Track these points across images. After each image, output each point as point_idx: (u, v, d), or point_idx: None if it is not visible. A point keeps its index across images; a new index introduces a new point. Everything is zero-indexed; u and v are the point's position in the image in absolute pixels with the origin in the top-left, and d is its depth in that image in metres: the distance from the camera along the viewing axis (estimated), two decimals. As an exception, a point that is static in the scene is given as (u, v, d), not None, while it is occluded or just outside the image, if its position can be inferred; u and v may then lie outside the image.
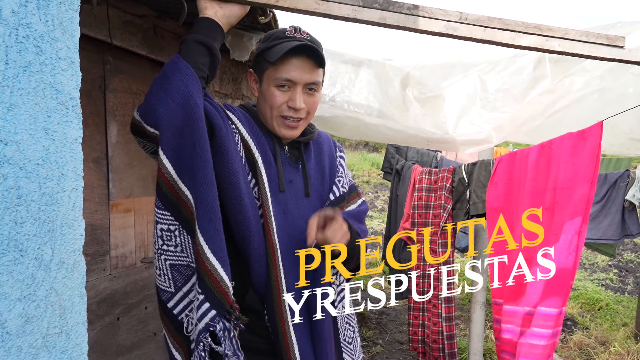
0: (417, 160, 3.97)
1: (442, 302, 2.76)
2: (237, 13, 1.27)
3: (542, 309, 1.81)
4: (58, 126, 0.82)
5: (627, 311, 5.42)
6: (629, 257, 8.20)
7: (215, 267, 1.09)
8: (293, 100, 1.28)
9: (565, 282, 1.79)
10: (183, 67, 1.10)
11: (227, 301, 1.11)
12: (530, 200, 2.02)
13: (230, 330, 1.12)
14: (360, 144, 17.51)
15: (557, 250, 1.79)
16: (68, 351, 0.84)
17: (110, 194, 2.09)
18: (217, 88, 2.98)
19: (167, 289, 1.19)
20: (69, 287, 0.84)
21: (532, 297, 1.87)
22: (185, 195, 1.12)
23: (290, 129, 1.33)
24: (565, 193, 1.84)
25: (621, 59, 1.34)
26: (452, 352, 2.77)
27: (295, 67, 1.27)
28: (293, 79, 1.27)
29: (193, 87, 1.09)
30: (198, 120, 1.09)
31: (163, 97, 1.08)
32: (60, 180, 0.82)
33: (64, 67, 0.83)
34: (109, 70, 2.07)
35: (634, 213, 3.32)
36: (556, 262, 1.78)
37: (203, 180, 1.09)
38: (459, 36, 1.29)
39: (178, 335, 1.20)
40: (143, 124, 1.11)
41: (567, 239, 1.79)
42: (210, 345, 1.10)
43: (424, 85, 2.35)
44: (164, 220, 1.15)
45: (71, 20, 0.84)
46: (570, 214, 1.79)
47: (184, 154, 1.10)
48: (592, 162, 1.80)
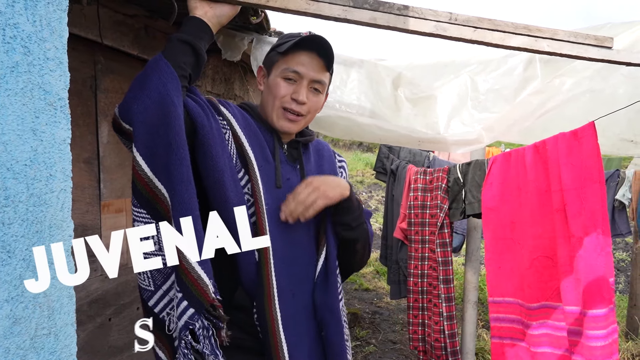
0: (409, 160, 3.98)
1: (443, 301, 2.77)
2: (227, 13, 1.26)
3: (590, 312, 1.81)
4: (46, 127, 0.81)
5: (619, 310, 5.46)
6: (621, 256, 8.26)
7: (192, 266, 1.08)
8: (297, 92, 1.30)
9: (604, 281, 1.79)
10: (163, 66, 1.10)
11: (206, 299, 1.10)
12: (536, 201, 2.04)
13: (209, 328, 1.11)
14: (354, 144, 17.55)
15: (585, 252, 1.80)
16: (57, 352, 0.84)
17: (102, 194, 2.09)
18: (210, 88, 2.98)
19: (148, 288, 1.18)
20: (58, 289, 0.84)
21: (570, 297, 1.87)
22: (162, 193, 1.12)
23: (289, 122, 1.34)
24: (572, 194, 1.85)
25: (609, 60, 1.35)
26: (455, 350, 2.78)
27: (305, 62, 1.30)
28: (300, 72, 1.30)
29: (171, 86, 1.09)
30: (174, 119, 1.08)
31: (139, 94, 1.08)
32: (48, 181, 0.82)
33: (52, 68, 0.82)
34: (100, 71, 2.06)
35: (623, 213, 3.35)
36: (587, 264, 1.79)
37: (179, 177, 1.08)
38: (449, 37, 1.30)
39: (160, 334, 1.19)
40: (120, 121, 1.11)
41: (591, 241, 1.79)
42: (191, 342, 1.10)
43: (416, 86, 2.36)
44: (140, 218, 1.14)
45: (59, 21, 0.84)
46: (590, 216, 1.80)
47: (159, 151, 1.09)
48: (595, 163, 1.81)
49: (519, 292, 2.14)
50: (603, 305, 1.79)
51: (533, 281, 2.05)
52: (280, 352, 1.25)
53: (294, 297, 1.31)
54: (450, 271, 2.79)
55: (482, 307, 4.72)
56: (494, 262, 2.25)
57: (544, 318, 2.02)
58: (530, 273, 2.06)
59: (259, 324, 1.26)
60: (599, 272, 1.78)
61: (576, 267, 1.83)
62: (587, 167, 1.81)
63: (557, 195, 1.91)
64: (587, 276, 1.80)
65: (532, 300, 2.06)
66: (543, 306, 2.03)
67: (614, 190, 3.33)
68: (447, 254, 2.77)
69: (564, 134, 1.88)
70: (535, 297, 2.05)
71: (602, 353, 1.77)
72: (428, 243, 2.84)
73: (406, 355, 4.19)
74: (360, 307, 5.46)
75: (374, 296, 5.91)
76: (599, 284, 1.79)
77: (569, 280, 1.87)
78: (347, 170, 1.57)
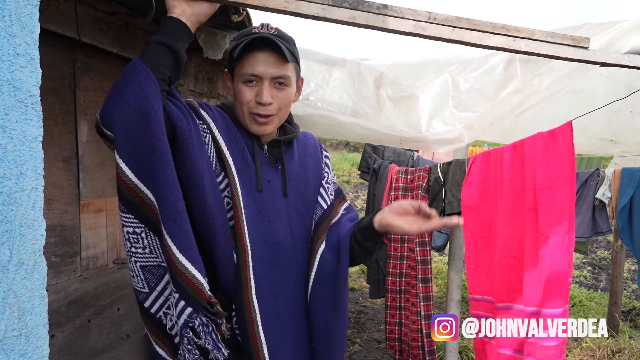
0: (393, 160, 3.99)
1: (422, 300, 2.78)
2: (206, 11, 1.25)
3: (547, 311, 1.83)
4: (16, 124, 0.80)
5: (600, 307, 5.54)
6: (602, 254, 8.38)
7: (185, 266, 1.09)
8: (260, 95, 1.28)
9: (564, 280, 1.81)
10: (141, 71, 1.09)
11: (203, 297, 1.10)
12: (510, 201, 2.05)
13: (209, 325, 1.12)
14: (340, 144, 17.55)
15: (550, 251, 1.82)
16: (28, 354, 0.82)
17: (81, 193, 2.06)
18: (192, 87, 2.96)
19: (142, 290, 1.19)
20: (29, 289, 0.82)
21: (531, 296, 1.89)
22: (149, 198, 1.12)
23: (261, 125, 1.32)
24: (545, 193, 1.86)
25: (585, 60, 1.37)
26: (432, 350, 2.79)
27: (260, 62, 1.27)
28: (258, 74, 1.27)
29: (150, 91, 1.08)
30: (155, 124, 1.07)
31: (119, 101, 1.07)
32: (19, 179, 0.80)
33: (22, 64, 0.81)
34: (79, 68, 2.03)
35: (603, 211, 3.39)
36: (552, 263, 1.81)
37: (164, 182, 1.08)
38: (428, 36, 1.30)
39: (159, 333, 1.21)
40: (102, 127, 1.10)
41: (558, 239, 1.81)
42: (193, 339, 1.11)
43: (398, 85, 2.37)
44: (129, 223, 1.15)
45: (30, 16, 0.83)
46: (558, 215, 1.82)
47: (142, 157, 1.09)
48: (568, 162, 1.83)
49: (493, 290, 2.16)
50: (561, 304, 1.82)
51: (500, 281, 2.07)
52: (261, 353, 1.25)
53: (276, 298, 1.31)
54: (429, 270, 2.80)
55: (466, 305, 4.75)
56: (474, 261, 2.27)
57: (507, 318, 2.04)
58: (498, 272, 2.08)
59: (238, 326, 1.26)
60: (562, 271, 1.81)
61: (541, 265, 1.85)
62: (560, 166, 1.83)
63: (530, 194, 1.93)
64: (551, 274, 1.82)
65: (499, 300, 2.08)
66: (507, 307, 2.05)
67: (594, 190, 3.38)
68: (426, 253, 2.79)
69: (542, 133, 1.90)
70: (502, 297, 2.07)
71: (554, 353, 1.80)
72: (407, 242, 2.85)
73: (391, 354, 4.20)
74: (345, 306, 5.46)
75: (359, 295, 5.92)
76: (560, 282, 1.81)
77: (532, 279, 1.89)
78: (330, 165, 1.56)
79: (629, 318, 5.30)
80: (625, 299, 5.78)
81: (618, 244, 4.63)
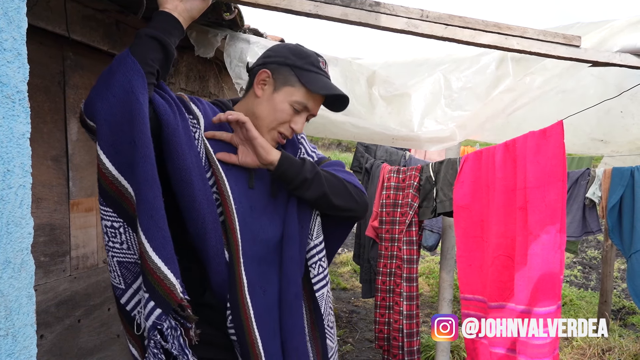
0: (386, 159, 3.99)
1: (404, 300, 2.76)
2: (198, 6, 1.24)
3: (539, 309, 1.83)
4: (3, 120, 0.78)
5: (590, 306, 5.58)
6: (593, 254, 8.44)
7: (158, 265, 1.07)
8: (296, 123, 1.33)
9: (556, 279, 1.82)
10: (129, 63, 1.08)
11: (174, 300, 1.08)
12: (502, 200, 2.05)
13: (177, 328, 1.10)
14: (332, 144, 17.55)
15: (542, 250, 1.82)
16: (15, 354, 0.81)
17: (71, 192, 2.04)
18: (184, 85, 2.94)
19: (119, 286, 1.17)
20: (16, 288, 0.81)
21: (522, 294, 1.89)
22: (128, 191, 1.10)
23: (276, 143, 1.37)
24: (535, 192, 1.86)
25: (577, 58, 1.37)
26: (412, 350, 2.77)
27: (319, 103, 1.36)
28: (309, 108, 1.34)
29: (136, 83, 1.07)
30: (138, 117, 1.06)
31: (104, 91, 1.06)
32: (5, 176, 0.79)
33: (9, 59, 0.79)
34: (68, 66, 2.01)
35: (594, 210, 3.41)
36: (544, 261, 1.81)
37: (143, 176, 1.06)
38: (420, 33, 1.30)
39: (133, 331, 1.19)
40: (85, 117, 1.08)
41: (550, 238, 1.82)
42: (160, 342, 1.09)
43: (390, 84, 2.37)
44: (107, 217, 1.13)
45: (17, 11, 0.81)
46: (549, 214, 1.82)
47: (123, 149, 1.07)
48: (559, 161, 1.83)
49: (485, 289, 2.16)
50: (553, 302, 1.83)
51: (493, 280, 2.07)
52: (257, 348, 1.25)
53: (265, 294, 1.31)
54: (414, 270, 2.78)
55: (458, 305, 4.76)
56: (465, 260, 2.27)
57: (500, 318, 2.03)
58: (491, 271, 2.08)
59: (233, 324, 1.25)
60: (554, 269, 1.81)
61: (530, 264, 1.85)
62: (551, 165, 1.83)
63: (521, 193, 1.93)
64: (542, 273, 1.82)
65: (492, 299, 2.08)
66: (500, 306, 2.05)
67: (584, 189, 3.39)
68: (413, 252, 2.77)
69: (533, 132, 1.90)
70: (495, 296, 2.07)
71: (547, 350, 1.80)
72: (397, 241, 2.84)
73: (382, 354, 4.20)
74: (338, 306, 5.47)
75: (351, 295, 5.92)
76: (552, 280, 1.81)
77: (523, 278, 1.89)
78: (308, 142, 1.53)
79: (618, 317, 5.34)
80: (615, 298, 5.82)
81: (608, 243, 4.66)
